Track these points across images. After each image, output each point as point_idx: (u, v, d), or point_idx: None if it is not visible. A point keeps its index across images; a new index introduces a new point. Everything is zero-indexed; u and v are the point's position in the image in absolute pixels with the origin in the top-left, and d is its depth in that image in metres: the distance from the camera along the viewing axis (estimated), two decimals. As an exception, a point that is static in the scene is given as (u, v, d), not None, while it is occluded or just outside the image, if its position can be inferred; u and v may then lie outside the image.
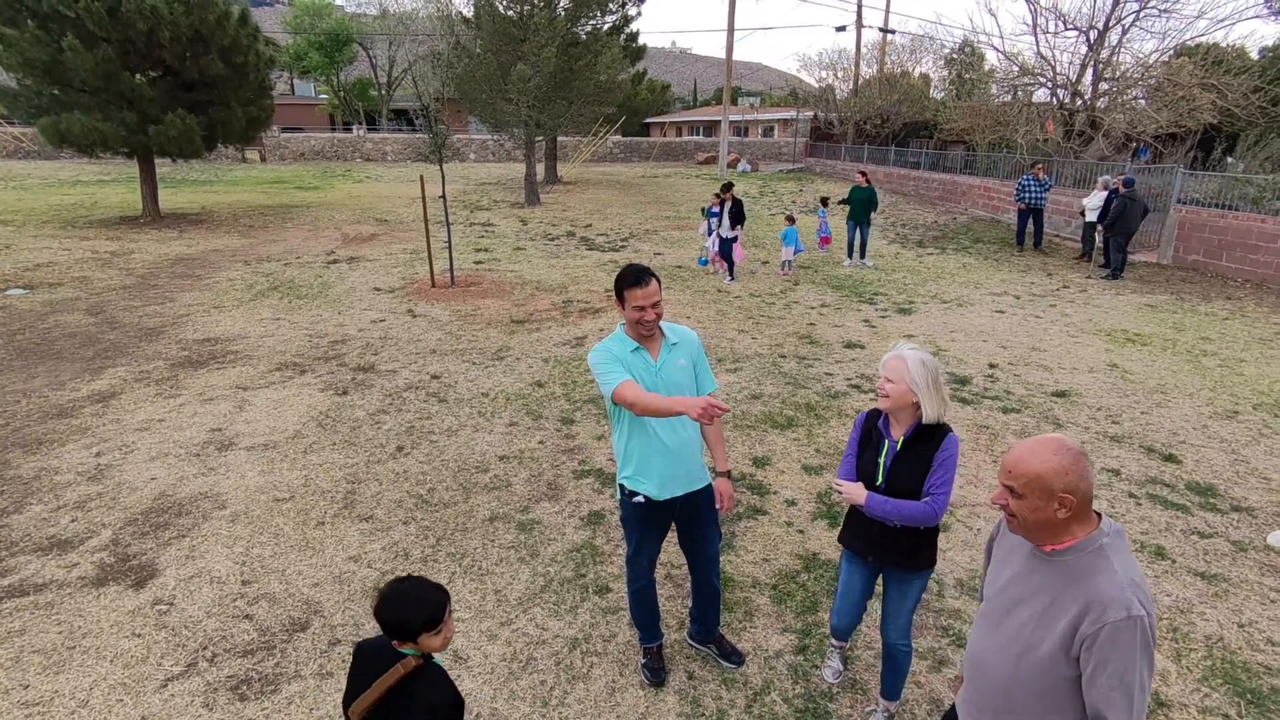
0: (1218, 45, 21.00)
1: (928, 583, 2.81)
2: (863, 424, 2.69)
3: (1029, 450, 1.68)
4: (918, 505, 2.48)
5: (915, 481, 2.51)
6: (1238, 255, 11.54)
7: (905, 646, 2.79)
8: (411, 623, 1.84)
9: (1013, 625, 1.75)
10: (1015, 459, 1.69)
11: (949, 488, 2.49)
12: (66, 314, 8.75)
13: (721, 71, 33.36)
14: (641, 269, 2.70)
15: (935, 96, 33.05)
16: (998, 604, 1.83)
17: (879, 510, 2.53)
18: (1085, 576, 1.62)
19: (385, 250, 13.13)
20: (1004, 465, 1.71)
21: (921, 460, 2.50)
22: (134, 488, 4.73)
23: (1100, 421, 6.00)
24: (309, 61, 43.55)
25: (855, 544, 2.78)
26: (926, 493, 2.49)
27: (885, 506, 2.51)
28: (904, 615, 2.74)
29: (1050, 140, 19.01)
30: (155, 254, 12.43)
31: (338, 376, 6.80)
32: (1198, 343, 8.27)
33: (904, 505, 2.49)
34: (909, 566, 2.66)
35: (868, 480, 2.60)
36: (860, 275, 11.92)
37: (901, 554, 2.64)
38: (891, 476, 2.54)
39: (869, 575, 2.82)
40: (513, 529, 4.30)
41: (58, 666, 3.18)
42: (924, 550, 2.64)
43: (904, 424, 2.54)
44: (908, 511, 2.49)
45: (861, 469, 2.63)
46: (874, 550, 2.70)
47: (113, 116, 13.79)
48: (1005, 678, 1.77)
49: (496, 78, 18.55)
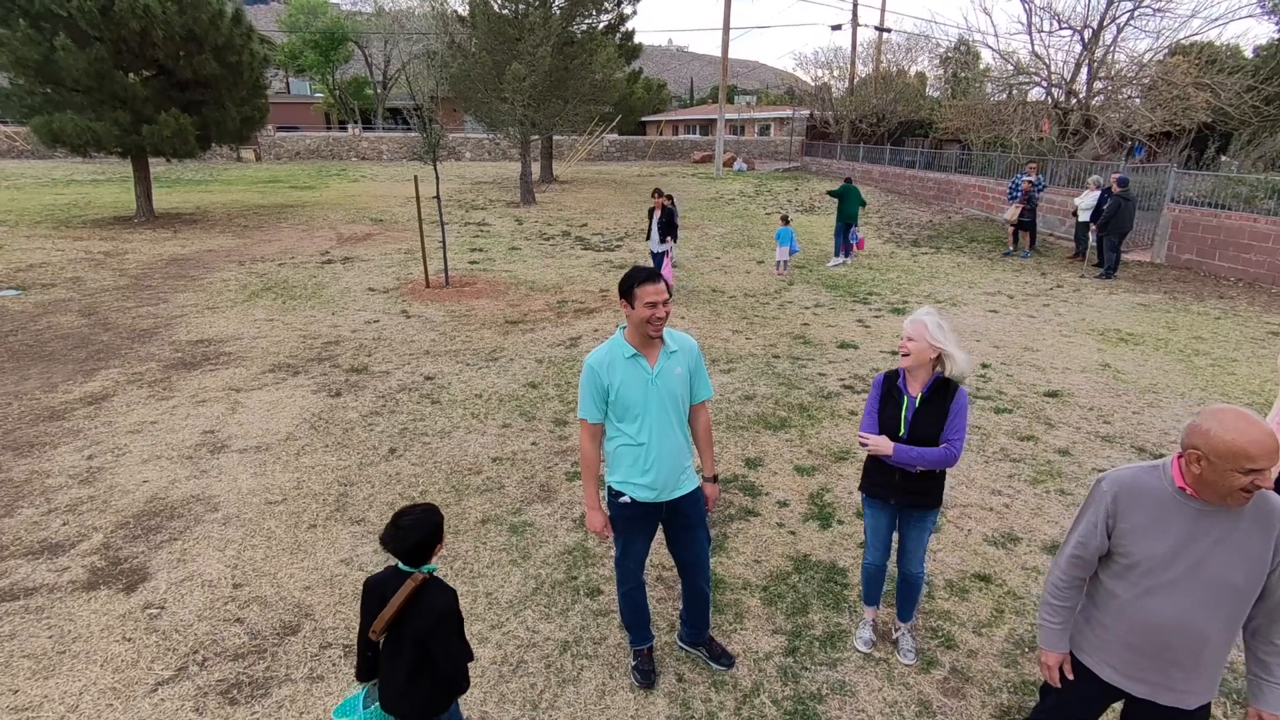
0: (1212, 44, 21.08)
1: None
2: (882, 384, 3.02)
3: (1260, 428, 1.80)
4: (937, 450, 2.87)
5: (934, 430, 2.88)
6: (1230, 254, 11.59)
7: (921, 574, 3.27)
8: (427, 543, 2.22)
9: (1208, 576, 1.92)
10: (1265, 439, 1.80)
11: (964, 433, 2.89)
12: (59, 315, 8.72)
13: (718, 70, 33.36)
14: (651, 268, 2.77)
15: (930, 95, 33.10)
16: (1181, 570, 1.95)
17: (904, 458, 2.91)
18: (1259, 501, 1.89)
19: (380, 250, 13.12)
20: (1268, 448, 1.78)
21: (939, 411, 2.89)
22: (126, 490, 4.72)
23: (1092, 421, 6.03)
24: (304, 60, 43.45)
25: (878, 490, 3.11)
26: (944, 439, 2.87)
27: (910, 454, 2.89)
28: (921, 548, 3.20)
29: (1045, 139, 19.06)
30: (149, 254, 12.40)
31: (331, 378, 6.80)
32: (1190, 342, 8.30)
33: (926, 452, 2.87)
34: (926, 505, 3.07)
35: (890, 433, 2.95)
36: (855, 275, 11.93)
37: (920, 495, 3.03)
38: (913, 428, 2.91)
39: (891, 516, 3.19)
40: (505, 531, 4.31)
41: (47, 671, 3.17)
42: (935, 491, 3.05)
43: (921, 381, 2.92)
44: (930, 457, 2.87)
45: (884, 424, 2.98)
46: (896, 494, 3.06)
47: (106, 116, 13.74)
48: (1209, 623, 1.95)
49: (492, 76, 18.52)
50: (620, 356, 2.78)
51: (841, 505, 4.65)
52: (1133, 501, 2.00)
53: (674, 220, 9.74)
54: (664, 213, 9.60)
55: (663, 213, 9.59)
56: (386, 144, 34.78)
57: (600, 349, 2.84)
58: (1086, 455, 5.41)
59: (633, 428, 2.80)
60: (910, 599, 3.33)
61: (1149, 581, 1.99)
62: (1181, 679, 2.03)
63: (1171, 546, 1.95)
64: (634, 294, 2.68)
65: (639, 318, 2.70)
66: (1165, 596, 1.97)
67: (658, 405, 2.79)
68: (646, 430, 2.80)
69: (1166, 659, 2.02)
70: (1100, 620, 2.14)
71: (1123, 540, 2.02)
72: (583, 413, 2.86)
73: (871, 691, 3.12)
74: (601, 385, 2.78)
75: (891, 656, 3.32)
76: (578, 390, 2.88)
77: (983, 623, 3.56)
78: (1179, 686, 2.04)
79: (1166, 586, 1.97)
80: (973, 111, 21.84)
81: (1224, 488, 1.83)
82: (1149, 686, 2.07)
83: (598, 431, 2.89)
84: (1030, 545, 4.24)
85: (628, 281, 2.72)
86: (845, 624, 3.53)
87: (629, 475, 2.85)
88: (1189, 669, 2.01)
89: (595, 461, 2.91)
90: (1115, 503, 2.03)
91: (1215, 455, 1.80)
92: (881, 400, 3.00)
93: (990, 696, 3.10)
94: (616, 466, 2.89)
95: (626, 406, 2.79)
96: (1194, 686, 2.03)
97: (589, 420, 2.86)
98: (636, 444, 2.81)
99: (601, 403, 2.82)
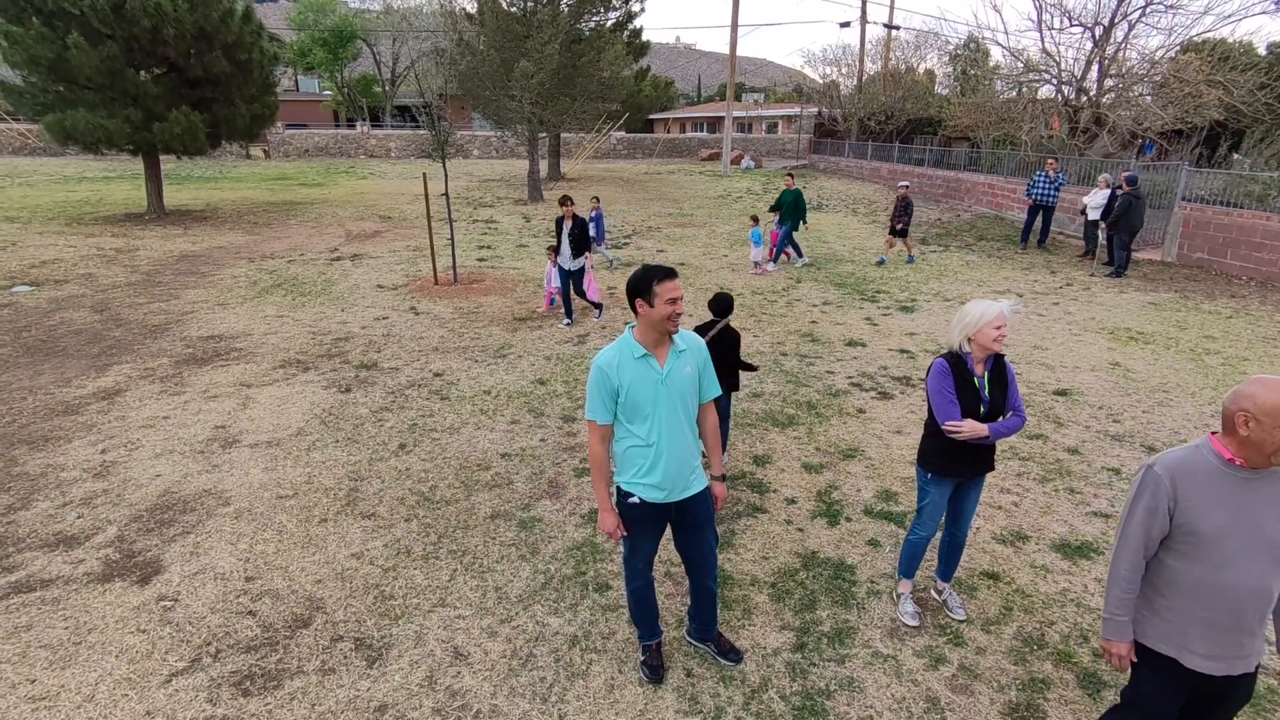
0: (1224, 41, 20.88)
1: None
2: (950, 371, 3.15)
3: None
4: (1015, 419, 3.18)
5: (1002, 401, 3.17)
6: (1242, 253, 11.50)
7: (967, 534, 3.57)
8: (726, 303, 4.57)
9: (1267, 537, 2.04)
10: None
11: (1020, 396, 3.24)
12: (72, 311, 8.80)
13: (726, 67, 33.27)
14: (665, 266, 2.75)
15: (939, 93, 32.94)
16: (1244, 536, 2.05)
17: (998, 434, 3.12)
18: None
19: (389, 247, 13.17)
20: None
21: (1001, 384, 3.16)
22: (139, 484, 4.77)
23: (1101, 420, 6.00)
24: (313, 58, 43.58)
25: (958, 469, 3.29)
26: (1011, 407, 3.19)
27: (1001, 430, 3.12)
28: (974, 510, 3.49)
29: (1055, 137, 18.94)
30: (160, 251, 12.49)
31: (341, 374, 6.84)
32: (1201, 341, 8.25)
33: (1011, 423, 3.16)
34: (988, 470, 3.35)
35: (970, 413, 3.13)
36: (863, 273, 11.90)
37: (989, 462, 3.32)
38: (991, 403, 3.14)
39: (950, 492, 3.39)
40: (514, 526, 4.33)
41: (64, 662, 3.22)
42: (993, 455, 3.33)
43: (983, 360, 3.14)
44: (1015, 426, 3.18)
45: (965, 405, 3.13)
46: (974, 467, 3.29)
47: (117, 113, 13.84)
48: (1276, 581, 2.07)
49: (500, 74, 18.54)
50: (630, 357, 2.75)
51: (849, 503, 4.66)
52: (1188, 480, 2.09)
53: (587, 233, 8.30)
54: (575, 223, 8.15)
55: (574, 223, 8.14)
56: (395, 141, 34.89)
57: (609, 350, 2.80)
58: (1096, 454, 5.39)
59: (643, 429, 2.79)
60: (956, 558, 3.61)
61: (1219, 554, 2.07)
62: (1249, 644, 2.14)
63: (1230, 516, 2.05)
64: (654, 292, 2.66)
65: (659, 315, 2.68)
66: (1237, 565, 2.06)
67: (667, 405, 2.78)
68: (656, 431, 2.79)
69: (1242, 628, 2.11)
70: (1169, 605, 2.18)
71: (1185, 519, 2.09)
72: (591, 414, 2.82)
73: (880, 688, 3.13)
74: (611, 386, 2.76)
75: (900, 653, 3.33)
76: (586, 387, 2.88)
77: (991, 620, 3.56)
78: (1248, 652, 2.15)
79: (1235, 555, 2.06)
80: (982, 109, 21.72)
81: (1271, 445, 1.96)
82: (1226, 663, 2.16)
83: (607, 433, 2.87)
84: (1039, 543, 4.23)
85: (645, 280, 2.69)
86: (853, 620, 3.54)
87: (638, 476, 2.85)
88: (1257, 632, 2.13)
89: (605, 462, 2.90)
90: (1174, 484, 2.10)
91: (1264, 414, 1.95)
92: (956, 384, 3.13)
93: (999, 694, 3.10)
94: (626, 467, 2.89)
95: (636, 407, 2.77)
96: (1256, 647, 2.16)
97: (598, 422, 2.82)
98: (646, 445, 2.80)
99: (611, 404, 2.79)
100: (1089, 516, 4.54)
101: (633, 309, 2.75)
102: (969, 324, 3.08)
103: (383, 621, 3.49)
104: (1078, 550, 4.16)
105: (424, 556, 4.02)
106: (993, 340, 3.03)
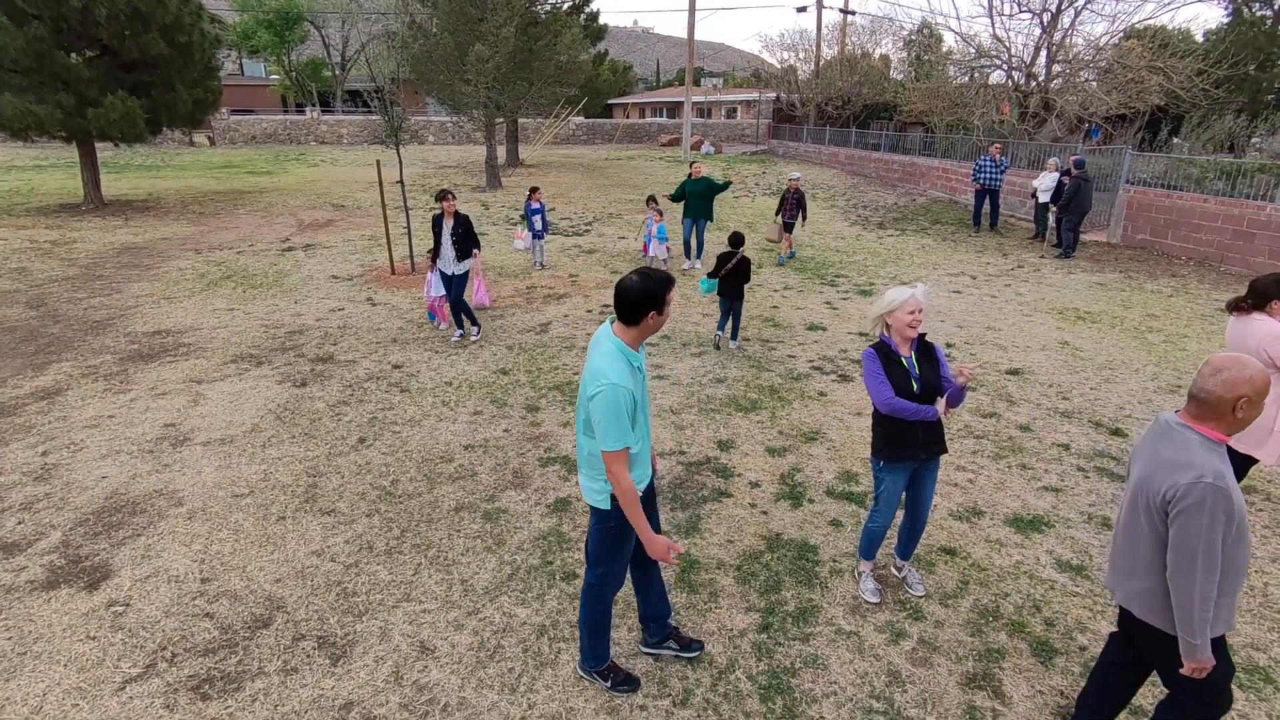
0: (1164, 28, 21.60)
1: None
2: (877, 356, 3.26)
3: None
4: (957, 390, 3.27)
5: (935, 380, 3.26)
6: (1182, 234, 11.97)
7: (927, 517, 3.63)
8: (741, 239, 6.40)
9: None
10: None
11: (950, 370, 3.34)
12: (5, 308, 8.38)
13: (684, 52, 33.14)
14: (664, 273, 2.69)
15: (894, 78, 33.36)
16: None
17: (956, 400, 3.30)
18: None
19: (343, 237, 12.84)
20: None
21: (932, 363, 3.29)
22: (84, 487, 4.59)
23: (1051, 398, 6.21)
24: (258, 40, 41.94)
25: (909, 453, 3.33)
26: (947, 382, 3.28)
27: (956, 402, 3.31)
28: (933, 492, 3.53)
29: (1006, 122, 19.38)
30: (99, 243, 11.95)
31: (296, 368, 6.66)
32: (1144, 320, 8.58)
33: (956, 393, 3.28)
34: (940, 451, 3.38)
35: (903, 393, 3.21)
36: (823, 257, 12.04)
37: (939, 442, 3.35)
38: (923, 382, 3.24)
39: (906, 478, 3.44)
40: (479, 518, 4.29)
41: (8, 673, 3.09)
42: (943, 436, 3.38)
43: (907, 341, 3.26)
44: (963, 396, 3.31)
45: (897, 387, 3.22)
46: (922, 449, 3.32)
47: (48, 98, 13.15)
48: None
49: (454, 58, 18.13)
50: (629, 366, 2.60)
51: (812, 485, 4.73)
52: (1233, 479, 2.16)
53: (473, 230, 7.43)
54: (457, 221, 7.21)
55: (455, 221, 7.19)
56: (346, 127, 33.92)
57: (617, 366, 2.55)
58: (1046, 430, 5.57)
59: (634, 436, 2.64)
60: (916, 540, 3.69)
61: (1244, 528, 2.18)
62: None
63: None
64: (665, 300, 2.61)
65: (663, 321, 2.66)
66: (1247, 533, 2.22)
67: (644, 403, 2.73)
68: (640, 432, 2.70)
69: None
70: (1227, 588, 2.24)
71: (1239, 508, 2.17)
72: (624, 441, 2.52)
73: (843, 664, 3.20)
74: (633, 404, 2.59)
75: (862, 629, 3.41)
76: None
77: (948, 594, 3.67)
78: None
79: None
80: (936, 94, 22.08)
81: (1254, 416, 2.15)
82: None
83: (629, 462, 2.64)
84: (993, 518, 4.37)
85: (662, 290, 2.59)
86: (817, 599, 3.61)
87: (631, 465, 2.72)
88: None
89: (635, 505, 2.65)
90: (1230, 487, 2.14)
91: (1258, 394, 2.13)
92: (885, 370, 3.24)
93: (957, 665, 3.20)
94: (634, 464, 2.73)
95: (634, 416, 2.63)
96: None
97: (631, 449, 2.59)
98: (634, 453, 2.67)
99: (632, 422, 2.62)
100: (1040, 491, 4.70)
101: (634, 321, 2.59)
102: (883, 309, 3.26)
103: (346, 619, 3.43)
104: (1030, 524, 4.31)
105: (387, 551, 3.96)
106: (907, 325, 3.19)
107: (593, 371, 2.56)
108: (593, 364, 2.59)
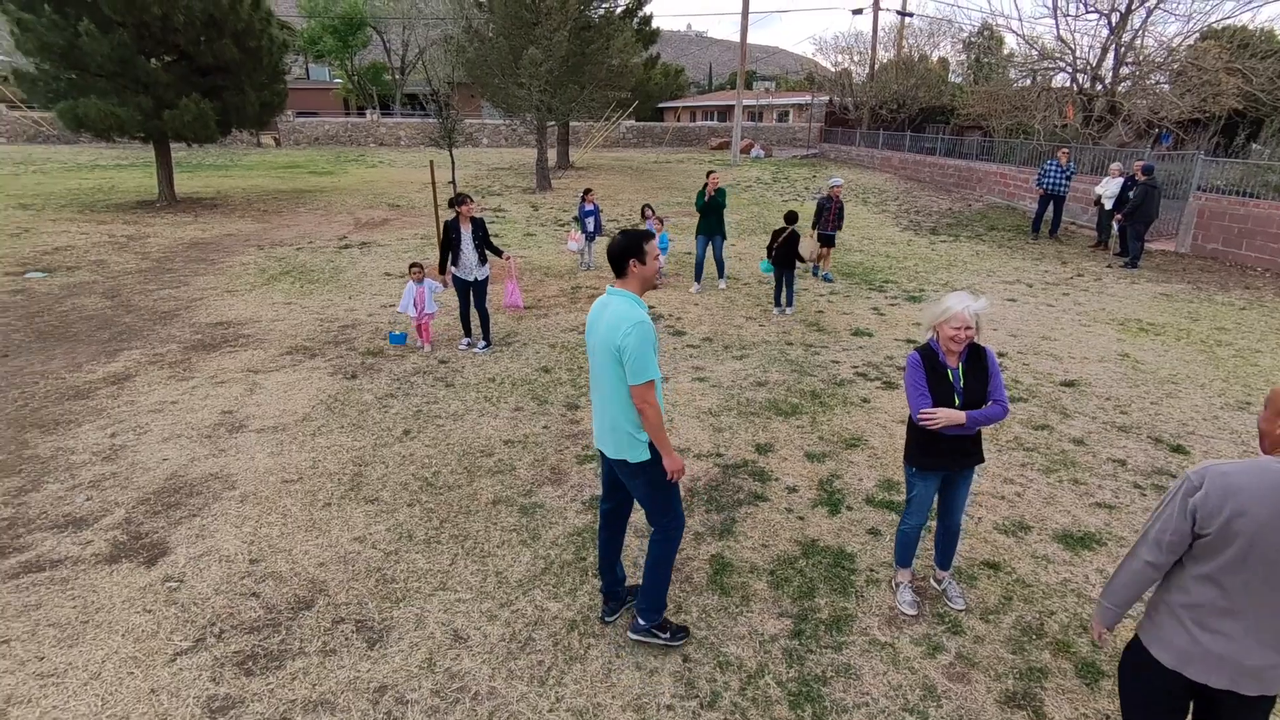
0: (1245, 28, 20.51)
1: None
2: (921, 363, 3.19)
3: None
4: (995, 408, 3.16)
5: (981, 392, 3.16)
6: (1258, 244, 11.33)
7: (962, 522, 3.57)
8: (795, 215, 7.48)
9: None
10: None
11: (1004, 388, 3.21)
12: (83, 297, 8.89)
13: (736, 55, 33.01)
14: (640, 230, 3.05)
15: (952, 81, 32.55)
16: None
17: (975, 422, 3.12)
18: None
19: (397, 235, 13.20)
20: None
21: (979, 375, 3.17)
22: (147, 468, 4.83)
23: (1108, 411, 5.96)
24: (323, 45, 43.52)
25: (938, 462, 3.29)
26: (992, 398, 3.17)
27: (979, 418, 3.12)
28: (965, 501, 3.49)
29: (1069, 126, 18.69)
30: (170, 238, 12.57)
31: (347, 361, 6.88)
32: (1213, 333, 8.15)
33: (989, 411, 3.15)
34: (974, 463, 3.33)
35: (944, 404, 3.14)
36: (871, 263, 11.81)
37: (972, 455, 3.30)
38: (966, 394, 3.15)
39: (938, 484, 3.40)
40: (515, 512, 4.36)
41: (71, 640, 3.27)
42: (980, 448, 3.32)
43: (956, 352, 3.15)
44: (994, 415, 3.16)
45: (937, 397, 3.15)
46: (955, 459, 3.27)
47: (128, 101, 13.91)
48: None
49: (508, 62, 18.47)
50: (645, 309, 2.99)
51: (851, 492, 4.65)
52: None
53: (487, 233, 7.18)
54: (476, 225, 7.01)
55: (473, 225, 6.98)
56: (404, 130, 34.88)
57: (637, 307, 2.96)
58: (1101, 445, 5.35)
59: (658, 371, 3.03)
60: (952, 547, 3.60)
61: None
62: None
63: None
64: (645, 250, 2.98)
65: (651, 271, 3.03)
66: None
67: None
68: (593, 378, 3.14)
69: None
70: None
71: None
72: (654, 372, 2.92)
73: (876, 675, 3.14)
74: (656, 341, 2.98)
75: (898, 640, 3.33)
76: (584, 381, 2.93)
77: (990, 609, 3.56)
78: None
79: None
80: (995, 97, 21.45)
81: None
82: None
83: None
84: (1041, 534, 4.21)
85: (635, 241, 2.96)
86: (852, 608, 3.55)
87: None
88: None
89: (660, 419, 3.00)
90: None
91: None
92: (928, 376, 3.17)
93: (996, 682, 3.11)
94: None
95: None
96: None
97: (659, 379, 3.00)
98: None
99: None
100: (1092, 508, 4.51)
101: (622, 271, 2.99)
102: (935, 316, 3.17)
103: (384, 604, 3.53)
104: (1080, 541, 4.14)
105: (426, 541, 4.06)
106: (950, 339, 3.10)
107: (618, 318, 2.88)
108: (615, 313, 2.92)
